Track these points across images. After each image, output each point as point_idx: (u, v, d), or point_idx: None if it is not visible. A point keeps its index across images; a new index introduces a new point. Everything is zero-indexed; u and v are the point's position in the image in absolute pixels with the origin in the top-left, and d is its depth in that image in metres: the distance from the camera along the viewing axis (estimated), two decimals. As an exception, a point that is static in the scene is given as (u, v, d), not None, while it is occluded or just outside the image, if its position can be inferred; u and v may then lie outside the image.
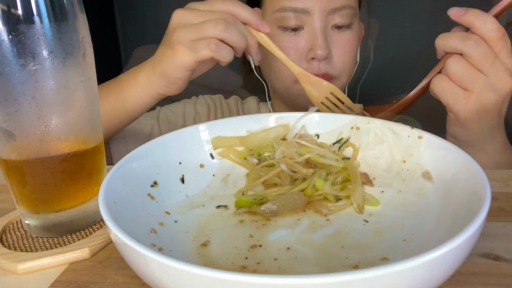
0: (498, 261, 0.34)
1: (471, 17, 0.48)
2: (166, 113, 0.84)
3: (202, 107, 0.87)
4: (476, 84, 0.49)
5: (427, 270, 0.23)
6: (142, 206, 0.37)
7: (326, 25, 0.70)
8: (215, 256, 0.34)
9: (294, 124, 0.49)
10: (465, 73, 0.49)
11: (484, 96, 0.49)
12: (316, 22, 0.69)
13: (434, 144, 0.40)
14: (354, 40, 0.73)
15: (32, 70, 0.34)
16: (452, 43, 0.49)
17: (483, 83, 0.48)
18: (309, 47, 0.70)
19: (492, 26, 0.47)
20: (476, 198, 0.30)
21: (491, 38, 0.48)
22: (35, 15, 0.33)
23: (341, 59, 0.72)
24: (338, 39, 0.71)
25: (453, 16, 0.49)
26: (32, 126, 0.35)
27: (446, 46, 0.50)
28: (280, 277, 0.22)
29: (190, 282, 0.23)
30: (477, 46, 0.48)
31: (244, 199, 0.41)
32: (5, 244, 0.38)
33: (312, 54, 0.69)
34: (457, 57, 0.49)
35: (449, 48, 0.50)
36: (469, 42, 0.48)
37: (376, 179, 0.43)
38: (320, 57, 0.68)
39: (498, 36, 0.47)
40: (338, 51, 0.71)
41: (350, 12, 0.70)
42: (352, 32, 0.73)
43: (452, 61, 0.49)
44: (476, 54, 0.48)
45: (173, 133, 0.45)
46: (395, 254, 0.33)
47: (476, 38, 0.48)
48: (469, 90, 0.49)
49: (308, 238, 0.36)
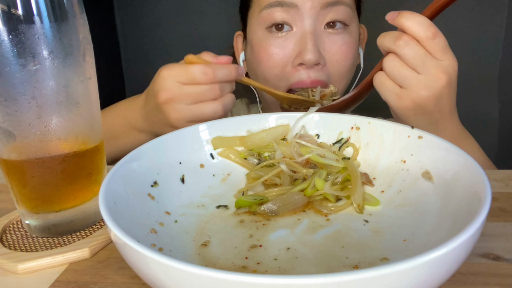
0: (498, 261, 0.34)
1: (402, 19, 0.49)
2: None
3: None
4: (408, 82, 0.50)
5: (427, 270, 0.23)
6: (142, 206, 0.37)
7: (317, 25, 0.65)
8: (215, 256, 0.34)
9: (294, 124, 0.49)
10: (398, 72, 0.50)
11: (416, 93, 0.50)
12: (305, 21, 0.64)
13: (434, 144, 0.40)
14: (350, 44, 0.68)
15: (32, 70, 0.34)
16: (385, 43, 0.51)
17: (415, 81, 0.50)
18: (298, 51, 0.65)
19: (422, 26, 0.48)
20: (476, 198, 0.30)
21: (421, 37, 0.48)
22: (35, 15, 0.33)
23: (336, 67, 0.67)
24: (332, 42, 0.66)
25: (388, 19, 0.51)
26: (32, 126, 0.35)
27: (382, 45, 0.52)
28: (280, 277, 0.22)
29: (190, 282, 0.23)
30: (406, 46, 0.49)
31: (244, 199, 0.40)
32: (5, 244, 0.38)
33: (299, 59, 0.64)
34: (391, 56, 0.51)
35: (384, 47, 0.51)
36: (399, 42, 0.49)
37: (376, 179, 0.43)
38: (309, 62, 0.64)
39: (428, 36, 0.48)
40: (332, 56, 0.66)
41: (345, 9, 0.66)
42: (348, 35, 0.67)
43: (387, 60, 0.51)
44: (406, 53, 0.49)
45: (173, 133, 0.45)
46: (395, 254, 0.33)
47: (406, 38, 0.49)
48: (403, 88, 0.51)
49: (308, 238, 0.36)
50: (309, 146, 0.46)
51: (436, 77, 0.49)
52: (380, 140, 0.45)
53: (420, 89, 0.50)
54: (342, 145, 0.47)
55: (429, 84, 0.50)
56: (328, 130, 0.49)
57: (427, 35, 0.48)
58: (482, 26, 1.44)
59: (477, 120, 1.46)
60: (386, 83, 0.52)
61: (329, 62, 0.67)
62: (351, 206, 0.40)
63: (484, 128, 1.57)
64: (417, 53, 0.49)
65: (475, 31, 1.39)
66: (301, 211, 0.40)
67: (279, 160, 0.45)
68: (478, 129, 1.54)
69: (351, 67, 0.71)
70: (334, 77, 0.68)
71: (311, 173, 0.44)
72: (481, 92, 1.45)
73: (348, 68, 0.70)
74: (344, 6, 0.66)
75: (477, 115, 1.45)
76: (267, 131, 0.48)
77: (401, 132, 0.43)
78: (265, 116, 0.50)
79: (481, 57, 1.41)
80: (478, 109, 1.45)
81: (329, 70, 0.67)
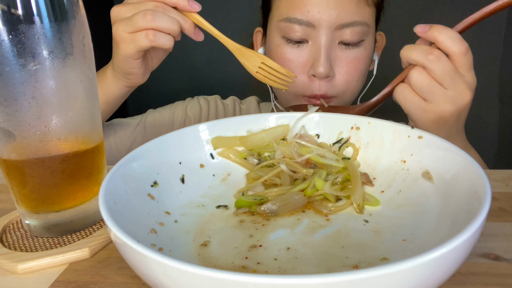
0: (498, 261, 0.34)
1: (435, 33, 0.50)
2: (154, 115, 0.84)
3: (194, 109, 0.86)
4: (435, 96, 0.51)
5: (427, 270, 0.23)
6: (142, 206, 0.37)
7: (332, 40, 0.66)
8: (215, 256, 0.34)
9: (294, 124, 0.49)
10: (426, 85, 0.51)
11: (442, 108, 0.51)
12: (321, 37, 0.66)
13: (434, 144, 0.40)
14: (362, 58, 0.69)
15: (32, 70, 0.34)
16: (415, 56, 0.51)
17: (442, 95, 0.51)
18: (312, 62, 0.67)
19: (455, 41, 0.49)
20: (476, 198, 0.30)
21: (454, 52, 0.49)
22: (35, 15, 0.33)
23: (344, 78, 0.69)
24: (344, 56, 0.68)
25: (418, 32, 0.51)
26: (32, 126, 0.35)
27: (409, 58, 0.52)
28: (280, 277, 0.22)
29: (190, 282, 0.23)
30: (438, 61, 0.49)
31: (244, 199, 0.40)
32: (5, 244, 0.38)
33: (312, 71, 0.67)
34: (419, 69, 0.51)
35: (412, 60, 0.52)
36: (430, 57, 0.50)
37: (376, 179, 0.43)
38: (320, 75, 0.66)
39: (461, 51, 0.49)
40: (342, 69, 0.68)
41: (361, 29, 0.67)
42: (361, 50, 0.69)
43: (414, 72, 0.51)
44: (437, 69, 0.50)
45: (173, 133, 0.45)
46: (395, 254, 0.33)
47: (437, 53, 0.50)
48: (429, 101, 0.51)
49: (308, 238, 0.36)
50: (309, 146, 0.46)
51: (462, 93, 0.51)
52: (380, 140, 0.45)
53: (446, 104, 0.51)
54: (342, 145, 0.47)
55: (455, 99, 0.51)
56: (328, 130, 0.49)
57: (460, 51, 0.49)
58: (482, 26, 1.44)
59: (477, 120, 1.46)
60: (411, 96, 0.52)
61: (338, 75, 0.69)
62: (351, 206, 0.40)
63: (484, 128, 1.57)
64: (448, 68, 0.50)
65: (475, 30, 1.38)
66: (301, 211, 0.40)
67: (279, 160, 0.45)
68: (478, 129, 1.54)
69: (362, 78, 0.72)
70: (343, 89, 0.70)
71: (311, 173, 0.44)
72: (481, 92, 1.45)
73: (357, 79, 0.71)
74: (361, 26, 0.67)
75: (477, 115, 1.45)
76: (267, 131, 0.48)
77: (401, 132, 0.43)
78: (265, 116, 0.50)
79: (481, 57, 1.41)
80: (478, 109, 1.45)
81: (338, 84, 0.69)
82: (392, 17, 0.87)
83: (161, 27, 0.54)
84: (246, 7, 0.78)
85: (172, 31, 0.55)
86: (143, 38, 0.55)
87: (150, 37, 0.54)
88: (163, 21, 0.54)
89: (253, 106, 0.91)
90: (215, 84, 1.79)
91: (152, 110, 0.86)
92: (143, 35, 0.55)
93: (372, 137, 0.46)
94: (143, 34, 0.55)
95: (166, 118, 0.84)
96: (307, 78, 0.69)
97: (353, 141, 0.47)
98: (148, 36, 0.54)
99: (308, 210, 0.40)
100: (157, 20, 0.54)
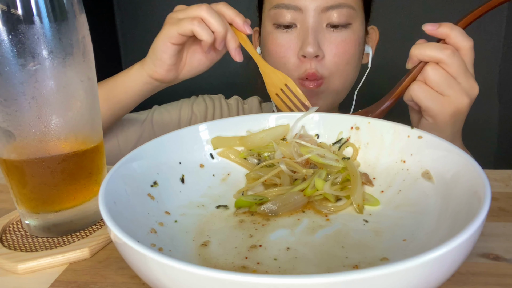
0: (498, 261, 0.34)
1: (446, 29, 0.53)
2: (161, 111, 0.84)
3: (200, 107, 0.87)
4: (452, 90, 0.53)
5: (427, 270, 0.23)
6: (142, 206, 0.37)
7: (320, 23, 0.69)
8: (215, 256, 0.34)
9: (294, 124, 0.49)
10: (444, 80, 0.53)
11: (460, 101, 0.54)
12: (308, 20, 0.69)
13: (434, 144, 0.40)
14: (350, 41, 0.72)
15: (32, 70, 0.34)
16: (430, 52, 0.53)
17: (459, 88, 0.53)
18: (300, 44, 0.70)
19: (465, 36, 0.53)
20: (476, 198, 0.30)
21: (464, 47, 0.53)
22: (35, 15, 0.33)
23: (334, 59, 0.71)
24: (332, 38, 0.71)
25: (428, 31, 0.54)
26: (32, 126, 0.35)
27: (423, 55, 0.54)
28: (280, 277, 0.22)
29: (190, 282, 0.23)
30: (453, 56, 0.52)
31: (244, 199, 0.40)
32: (5, 244, 0.38)
33: (302, 51, 0.70)
34: (434, 65, 0.53)
35: (427, 57, 0.53)
36: (446, 52, 0.52)
37: (376, 179, 0.43)
38: (309, 54, 0.69)
39: (470, 46, 0.53)
40: (331, 50, 0.71)
41: (347, 11, 0.69)
42: (349, 33, 0.71)
43: (431, 68, 0.53)
44: (453, 63, 0.52)
45: (173, 133, 0.45)
46: (395, 254, 0.33)
47: (452, 48, 0.53)
48: (446, 95, 0.54)
49: (308, 238, 0.36)
50: (309, 146, 0.46)
51: (472, 86, 0.54)
52: (380, 140, 0.45)
53: (463, 96, 0.54)
54: (342, 145, 0.47)
55: (469, 92, 0.54)
56: (328, 130, 0.49)
57: (470, 46, 0.53)
58: (482, 26, 1.44)
59: (477, 120, 1.46)
60: (429, 92, 0.54)
61: (327, 56, 0.71)
62: (351, 206, 0.40)
63: (484, 128, 1.57)
64: (461, 62, 0.53)
65: (475, 30, 1.39)
66: (301, 211, 0.40)
67: (279, 160, 0.45)
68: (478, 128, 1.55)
69: (352, 62, 0.74)
70: (332, 70, 0.72)
71: (311, 173, 0.44)
72: (481, 92, 1.45)
73: (347, 62, 0.73)
74: (346, 8, 0.69)
75: (477, 115, 1.45)
76: (267, 131, 0.48)
77: (401, 132, 0.43)
78: (265, 116, 0.50)
79: (481, 57, 1.41)
80: (478, 109, 1.45)
81: (328, 64, 0.71)
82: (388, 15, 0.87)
83: (210, 21, 0.57)
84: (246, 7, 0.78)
85: (218, 30, 0.58)
86: (188, 21, 0.58)
87: (195, 22, 0.57)
88: (213, 17, 0.57)
89: (255, 106, 0.93)
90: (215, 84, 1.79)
91: (158, 106, 0.86)
92: (189, 20, 0.58)
93: (372, 137, 0.46)
94: (189, 20, 0.58)
95: (174, 115, 0.85)
96: (297, 59, 0.71)
97: (353, 141, 0.47)
98: (193, 22, 0.57)
99: (308, 210, 0.40)
100: (209, 14, 0.57)
